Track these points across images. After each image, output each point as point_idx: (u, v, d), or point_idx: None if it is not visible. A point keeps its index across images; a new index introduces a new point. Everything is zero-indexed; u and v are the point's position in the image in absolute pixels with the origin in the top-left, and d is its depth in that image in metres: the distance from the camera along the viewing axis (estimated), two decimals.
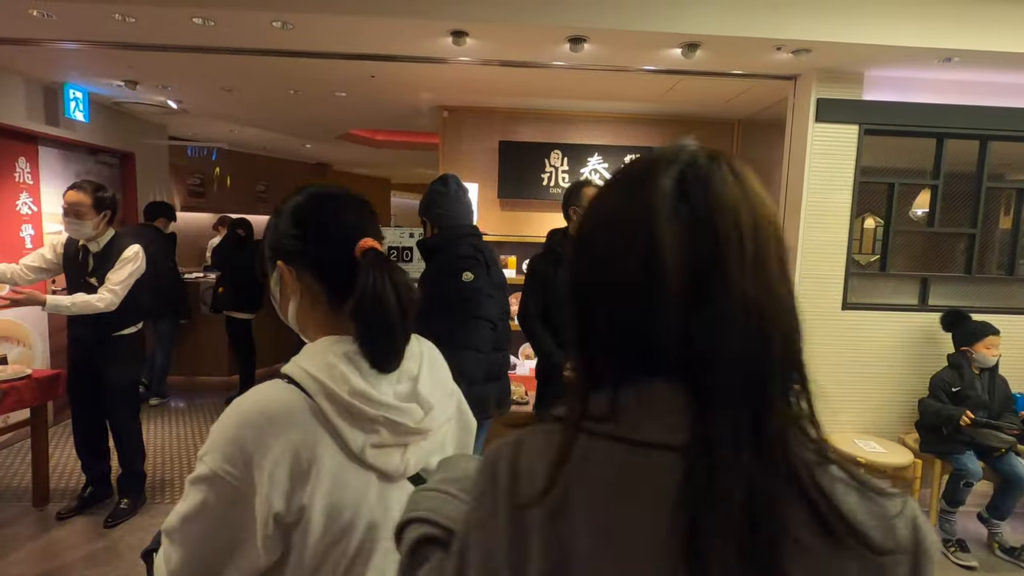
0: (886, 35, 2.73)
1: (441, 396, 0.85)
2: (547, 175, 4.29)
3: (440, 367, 0.90)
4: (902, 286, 3.39)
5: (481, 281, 2.00)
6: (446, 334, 1.97)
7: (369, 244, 0.80)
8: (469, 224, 2.21)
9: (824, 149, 3.19)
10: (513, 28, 2.67)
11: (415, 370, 0.83)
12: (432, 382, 0.84)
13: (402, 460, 0.78)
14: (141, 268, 2.82)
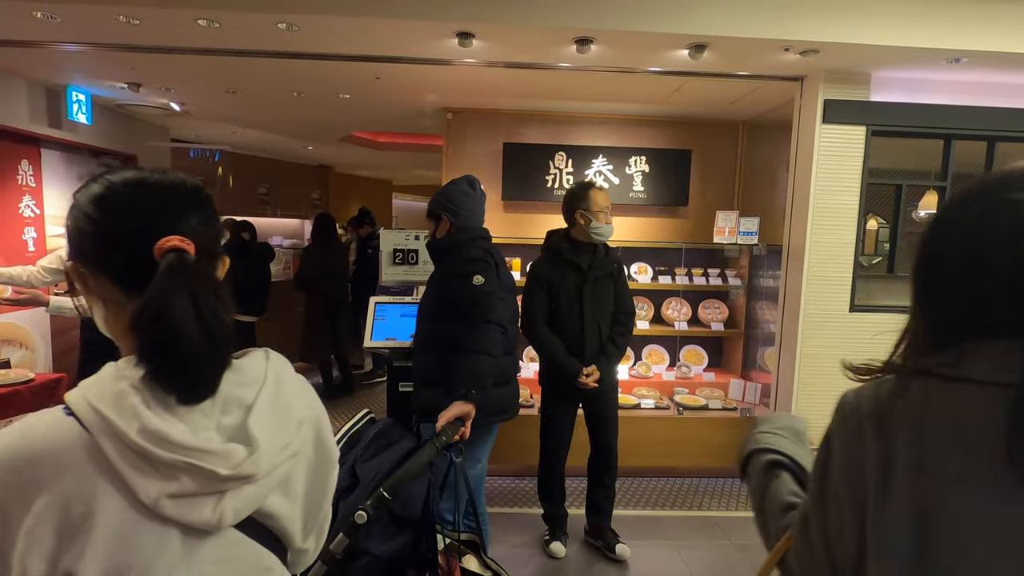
0: (894, 36, 2.72)
1: (282, 428, 0.71)
2: (551, 177, 4.27)
3: (290, 391, 0.75)
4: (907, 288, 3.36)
5: (492, 284, 1.98)
6: (455, 337, 1.96)
7: (171, 244, 0.64)
8: (481, 227, 2.20)
9: (831, 150, 3.18)
10: (519, 29, 2.65)
11: (250, 398, 0.69)
12: (273, 412, 0.70)
13: (215, 510, 0.63)
14: None
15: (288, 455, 0.70)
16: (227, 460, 0.64)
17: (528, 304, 2.64)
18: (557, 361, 2.60)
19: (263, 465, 0.66)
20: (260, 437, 0.66)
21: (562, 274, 2.63)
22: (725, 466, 3.72)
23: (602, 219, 2.62)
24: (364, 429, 1.54)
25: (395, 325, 2.95)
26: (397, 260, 3.08)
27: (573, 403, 2.77)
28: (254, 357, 0.73)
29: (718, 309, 4.33)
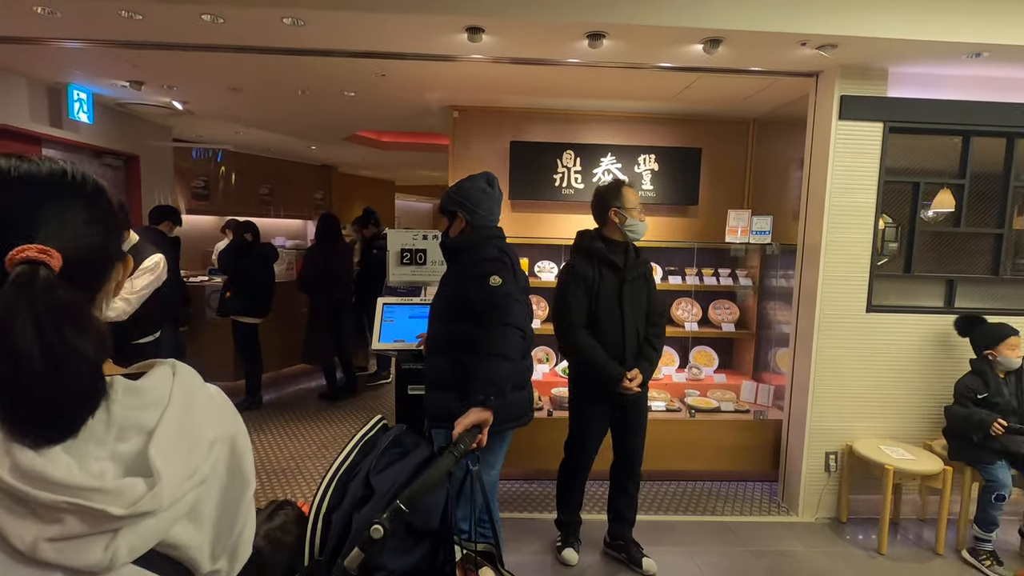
0: (913, 30, 2.65)
1: (190, 452, 0.64)
2: (559, 176, 4.20)
3: (200, 410, 0.67)
4: (927, 288, 3.30)
5: (510, 286, 1.91)
6: (470, 340, 1.89)
7: (23, 255, 0.55)
8: (496, 226, 2.14)
9: (847, 148, 3.11)
10: (530, 24, 2.59)
11: (151, 421, 0.61)
12: (179, 435, 0.63)
13: (107, 551, 0.57)
14: (161, 278, 2.76)
15: (196, 482, 0.63)
16: (122, 498, 0.56)
17: (564, 305, 2.51)
18: (598, 365, 2.48)
19: (166, 498, 0.59)
20: (163, 466, 0.59)
21: (601, 274, 2.52)
22: (738, 469, 3.65)
23: (636, 216, 2.54)
24: (377, 436, 1.48)
25: (403, 326, 2.88)
26: (405, 260, 3.01)
27: (608, 408, 2.65)
28: (158, 375, 0.66)
29: (728, 310, 4.27)
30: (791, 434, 3.42)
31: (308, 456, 3.98)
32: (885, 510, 2.94)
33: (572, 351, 2.56)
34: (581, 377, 2.63)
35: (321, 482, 1.32)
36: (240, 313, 4.69)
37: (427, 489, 1.24)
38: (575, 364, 2.63)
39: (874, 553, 2.96)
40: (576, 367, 2.65)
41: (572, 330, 2.49)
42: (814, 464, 3.29)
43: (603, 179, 4.22)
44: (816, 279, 3.18)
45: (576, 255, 2.61)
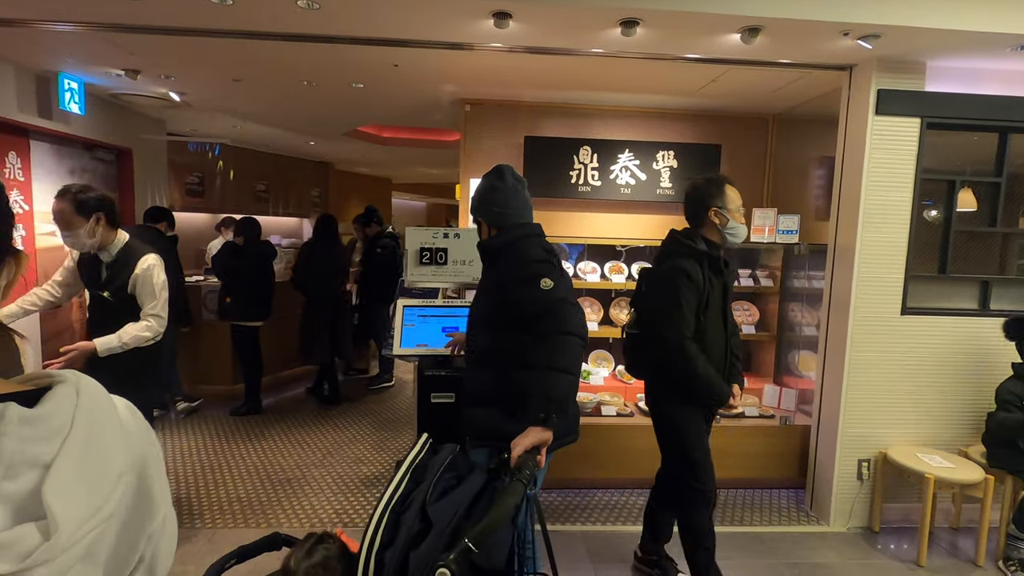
0: (958, 20, 2.54)
1: (95, 488, 0.54)
2: (576, 172, 4.06)
3: (108, 435, 0.57)
4: (961, 290, 3.20)
5: (562, 288, 1.74)
6: (520, 350, 1.73)
7: None
8: (531, 221, 1.98)
9: (883, 144, 2.99)
10: (563, 8, 2.43)
11: (49, 455, 0.52)
12: (81, 468, 0.54)
13: None
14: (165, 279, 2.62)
15: (100, 521, 0.53)
16: (10, 551, 0.47)
17: (679, 312, 2.21)
18: (712, 383, 2.23)
19: (62, 544, 0.49)
20: (60, 509, 0.49)
21: (710, 281, 2.28)
22: (763, 476, 3.54)
23: (739, 218, 2.33)
24: (427, 459, 1.32)
25: (426, 331, 2.72)
26: (424, 260, 2.84)
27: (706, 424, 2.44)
28: (59, 399, 0.54)
29: (748, 311, 4.15)
30: (821, 440, 3.31)
31: (313, 464, 3.80)
32: (925, 520, 2.83)
33: (681, 365, 2.23)
34: (680, 390, 2.32)
35: (372, 515, 1.16)
36: (242, 318, 4.50)
37: (498, 524, 1.08)
38: (693, 381, 2.25)
39: (913, 565, 2.85)
40: (669, 378, 2.33)
41: (687, 343, 2.20)
42: (846, 471, 3.17)
43: (620, 176, 4.08)
44: (850, 281, 3.07)
45: (682, 257, 2.29)
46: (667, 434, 2.44)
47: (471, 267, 2.97)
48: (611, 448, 3.42)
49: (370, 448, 4.11)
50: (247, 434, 4.28)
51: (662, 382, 2.40)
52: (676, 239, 2.38)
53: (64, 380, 0.55)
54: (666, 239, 2.46)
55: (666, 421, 2.41)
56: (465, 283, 3.04)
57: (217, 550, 2.73)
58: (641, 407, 3.60)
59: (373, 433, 4.40)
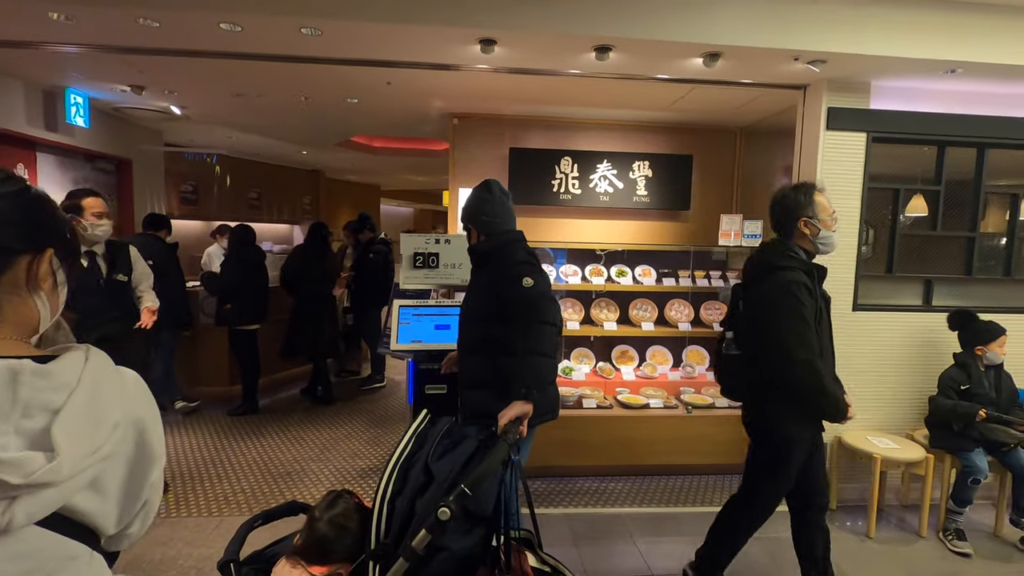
0: (894, 47, 2.85)
1: (94, 431, 0.71)
2: (558, 181, 4.33)
3: (108, 393, 0.75)
4: (906, 288, 3.52)
5: (542, 285, 2.02)
6: (507, 339, 1.99)
7: None
8: (515, 229, 2.24)
9: (834, 156, 3.31)
10: (543, 36, 2.71)
11: (58, 402, 0.68)
12: (85, 415, 0.70)
13: (4, 515, 0.64)
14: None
15: (98, 458, 0.71)
16: (20, 469, 0.63)
17: (804, 327, 2.05)
18: (837, 397, 2.10)
19: (65, 472, 0.66)
20: (64, 443, 0.66)
21: (821, 294, 2.19)
22: (734, 462, 3.81)
23: (831, 227, 2.24)
24: (427, 429, 1.56)
25: (420, 328, 2.96)
26: (418, 264, 3.09)
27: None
28: (70, 359, 0.73)
29: (719, 310, 4.44)
30: None
31: (311, 458, 4.01)
32: (873, 497, 3.12)
33: (808, 382, 2.06)
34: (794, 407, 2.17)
35: (384, 470, 1.40)
36: (240, 322, 4.68)
37: (488, 474, 1.33)
38: (809, 398, 2.12)
39: (864, 537, 3.14)
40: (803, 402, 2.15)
41: (816, 360, 2.04)
42: None
43: (599, 185, 4.37)
44: None
45: (790, 270, 2.13)
46: (773, 455, 2.26)
47: (460, 270, 3.22)
48: (592, 438, 3.68)
49: (365, 443, 4.32)
50: (246, 432, 4.46)
51: (781, 401, 2.17)
52: (778, 251, 2.21)
53: (77, 349, 0.75)
54: (762, 251, 2.31)
55: (781, 442, 2.21)
56: (455, 285, 3.29)
57: (225, 534, 2.93)
58: (620, 400, 3.87)
59: (367, 430, 4.62)
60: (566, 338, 4.18)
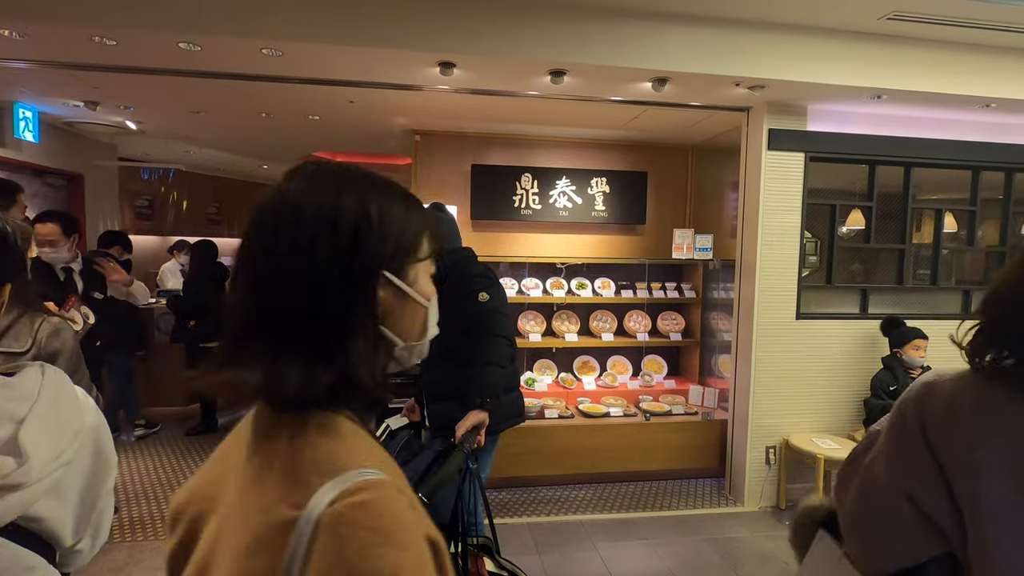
0: (826, 75, 3.08)
1: (56, 438, 0.76)
2: (519, 197, 4.44)
3: (67, 404, 0.81)
4: (845, 297, 3.76)
5: (496, 301, 2.10)
6: (465, 352, 2.06)
7: None
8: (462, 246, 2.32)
9: (775, 174, 3.52)
10: (499, 60, 2.82)
11: (22, 412, 0.74)
12: (47, 424, 0.76)
13: None
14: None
15: (61, 464, 0.76)
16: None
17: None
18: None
19: (33, 475, 0.71)
20: (31, 449, 0.72)
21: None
22: (690, 467, 3.96)
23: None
24: (387, 442, 1.62)
25: None
26: None
27: None
28: (28, 374, 0.79)
29: (675, 320, 4.61)
30: (735, 432, 3.76)
31: None
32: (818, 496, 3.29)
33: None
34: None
35: None
36: (206, 340, 4.60)
37: (445, 482, 1.40)
38: None
39: None
40: None
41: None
42: (756, 458, 3.63)
43: (558, 200, 4.50)
44: (753, 291, 3.56)
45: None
46: None
47: None
48: (554, 447, 3.76)
49: None
50: (205, 452, 4.37)
51: None
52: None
53: (33, 365, 0.82)
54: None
55: None
56: None
57: None
58: (582, 409, 3.97)
59: None
60: (529, 350, 4.27)
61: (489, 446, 2.20)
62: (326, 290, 0.57)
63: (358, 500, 0.49)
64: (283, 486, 0.52)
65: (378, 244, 0.60)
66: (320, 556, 0.47)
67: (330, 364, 0.56)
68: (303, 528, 0.48)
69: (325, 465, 0.53)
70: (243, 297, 0.59)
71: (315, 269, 0.57)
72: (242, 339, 0.58)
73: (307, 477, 0.52)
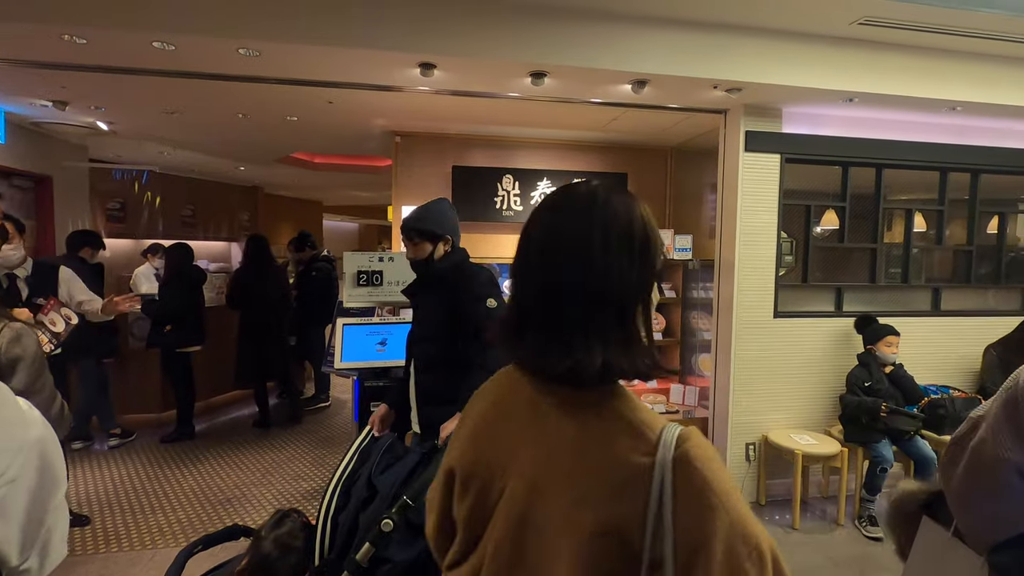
0: (801, 79, 3.15)
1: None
2: (500, 198, 4.45)
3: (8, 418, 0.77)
4: (820, 295, 3.84)
5: (503, 309, 2.03)
6: (465, 355, 2.00)
7: None
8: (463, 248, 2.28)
9: (752, 175, 3.58)
10: (480, 62, 2.82)
11: None
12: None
13: None
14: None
15: (5, 482, 0.73)
16: None
17: None
18: None
19: None
20: None
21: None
22: None
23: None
24: (370, 446, 1.60)
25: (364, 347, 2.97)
26: (361, 282, 3.10)
27: None
28: None
29: (657, 320, 4.65)
30: (716, 430, 3.81)
31: (252, 484, 3.89)
32: (796, 489, 3.37)
33: None
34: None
35: (327, 488, 1.43)
36: (179, 344, 4.50)
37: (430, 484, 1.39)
38: None
39: (789, 529, 3.37)
40: None
41: None
42: (736, 455, 3.69)
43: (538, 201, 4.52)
44: (732, 291, 3.61)
45: None
46: None
47: None
48: None
49: (309, 465, 4.24)
50: (182, 460, 4.28)
51: None
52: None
53: None
54: None
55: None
56: (399, 302, 3.32)
57: (161, 566, 2.82)
58: None
59: (311, 451, 4.52)
60: None
61: None
62: (630, 290, 0.70)
63: (693, 442, 0.65)
64: (626, 441, 0.66)
65: (656, 251, 0.73)
66: (686, 482, 0.62)
67: (628, 347, 0.69)
68: (662, 467, 0.63)
69: (645, 422, 0.67)
70: (554, 293, 0.70)
71: (624, 270, 0.69)
72: (566, 328, 0.69)
73: (641, 432, 0.66)
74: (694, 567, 0.61)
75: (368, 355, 2.95)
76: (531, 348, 0.71)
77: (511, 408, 0.76)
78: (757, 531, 0.64)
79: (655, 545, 0.62)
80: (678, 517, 0.62)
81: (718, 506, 0.62)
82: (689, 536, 0.61)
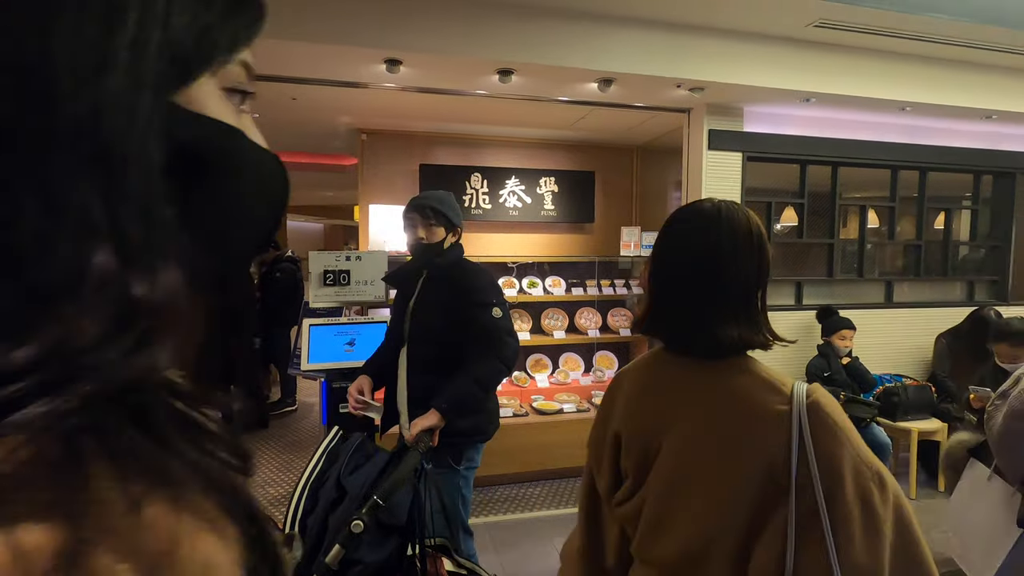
0: (760, 79, 3.24)
1: None
2: (468, 196, 4.43)
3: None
4: (781, 289, 3.96)
5: (507, 320, 1.96)
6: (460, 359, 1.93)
7: None
8: None
9: (715, 173, 3.67)
10: (447, 59, 2.80)
11: None
12: None
13: None
14: None
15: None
16: None
17: None
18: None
19: None
20: None
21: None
22: None
23: None
24: (339, 446, 1.57)
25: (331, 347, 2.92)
26: (328, 282, 3.04)
27: None
28: None
29: (625, 316, 4.72)
30: None
31: None
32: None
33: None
34: None
35: (293, 492, 1.40)
36: None
37: (400, 484, 1.37)
38: None
39: None
40: None
41: None
42: None
43: (508, 200, 4.52)
44: None
45: None
46: None
47: (373, 287, 3.21)
48: (509, 446, 3.76)
49: (276, 470, 4.14)
50: None
51: None
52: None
53: None
54: None
55: None
56: (367, 302, 3.27)
57: None
58: (536, 407, 4.00)
59: (278, 456, 4.42)
60: None
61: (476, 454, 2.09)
62: (752, 279, 0.92)
63: (819, 394, 0.83)
64: (766, 395, 0.84)
65: (767, 250, 0.94)
66: (820, 422, 0.79)
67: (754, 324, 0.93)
68: (799, 411, 0.80)
69: (778, 379, 0.87)
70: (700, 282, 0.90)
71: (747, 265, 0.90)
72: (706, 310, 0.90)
73: (776, 387, 0.85)
74: (834, 487, 0.76)
75: (336, 356, 2.90)
76: (678, 330, 0.93)
77: (662, 385, 0.96)
78: (874, 459, 0.81)
79: (800, 471, 0.78)
80: (816, 448, 0.78)
81: (845, 441, 0.79)
82: (825, 462, 0.78)
